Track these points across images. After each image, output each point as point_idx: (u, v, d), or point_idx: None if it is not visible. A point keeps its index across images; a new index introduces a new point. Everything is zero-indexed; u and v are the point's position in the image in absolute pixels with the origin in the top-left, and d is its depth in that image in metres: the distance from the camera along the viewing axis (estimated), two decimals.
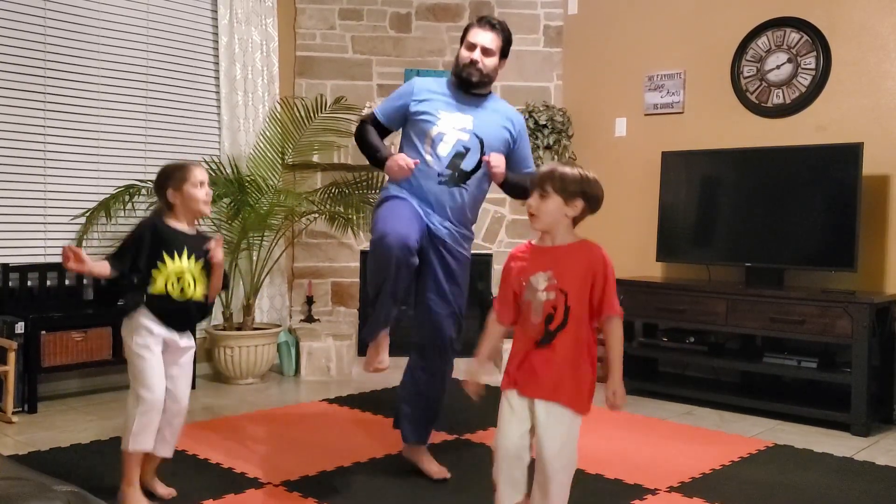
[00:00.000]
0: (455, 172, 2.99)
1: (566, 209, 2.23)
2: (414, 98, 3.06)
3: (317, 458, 3.36)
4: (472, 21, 3.12)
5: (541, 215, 2.25)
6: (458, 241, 3.06)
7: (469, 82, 3.04)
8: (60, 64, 4.49)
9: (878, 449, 3.73)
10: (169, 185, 2.70)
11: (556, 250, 2.26)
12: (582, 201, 2.22)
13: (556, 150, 5.45)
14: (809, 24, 4.55)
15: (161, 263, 2.65)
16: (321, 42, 5.60)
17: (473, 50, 3.02)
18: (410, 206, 2.96)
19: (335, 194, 5.13)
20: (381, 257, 2.76)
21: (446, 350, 3.13)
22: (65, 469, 3.12)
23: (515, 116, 3.17)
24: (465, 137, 2.99)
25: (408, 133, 3.09)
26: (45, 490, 1.39)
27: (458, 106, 3.05)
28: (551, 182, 2.22)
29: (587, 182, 2.23)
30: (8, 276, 4.24)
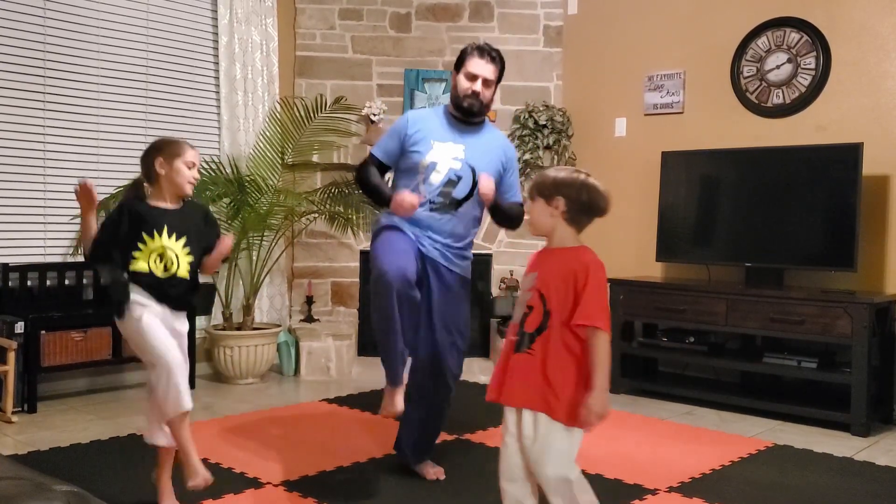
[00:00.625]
0: (446, 200, 3.01)
1: (549, 209, 2.21)
2: (408, 132, 3.08)
3: (316, 458, 3.36)
4: (469, 50, 3.08)
5: (532, 219, 2.27)
6: (450, 259, 3.06)
7: (471, 112, 3.07)
8: (60, 63, 4.49)
9: (877, 449, 3.73)
10: (160, 155, 2.66)
11: (548, 253, 2.26)
12: (563, 200, 2.19)
13: (556, 150, 5.44)
14: (809, 24, 4.55)
15: (141, 244, 2.60)
16: (321, 42, 5.60)
17: (475, 81, 3.03)
18: (404, 237, 2.97)
19: (335, 194, 5.13)
20: (383, 294, 2.76)
21: (447, 383, 3.12)
22: (64, 469, 3.12)
23: (507, 146, 3.21)
24: (457, 166, 3.02)
25: (401, 164, 3.12)
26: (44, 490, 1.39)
27: (450, 135, 3.07)
28: (534, 186, 2.25)
29: (566, 183, 2.20)
30: (8, 276, 4.24)
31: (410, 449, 3.20)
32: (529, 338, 2.18)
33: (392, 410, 2.96)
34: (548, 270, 2.20)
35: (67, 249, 4.54)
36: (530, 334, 2.18)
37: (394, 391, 2.96)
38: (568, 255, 2.20)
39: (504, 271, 5.57)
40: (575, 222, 2.23)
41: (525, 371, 2.16)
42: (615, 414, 4.21)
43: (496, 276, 5.57)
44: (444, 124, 3.11)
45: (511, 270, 5.55)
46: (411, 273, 2.79)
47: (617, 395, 4.71)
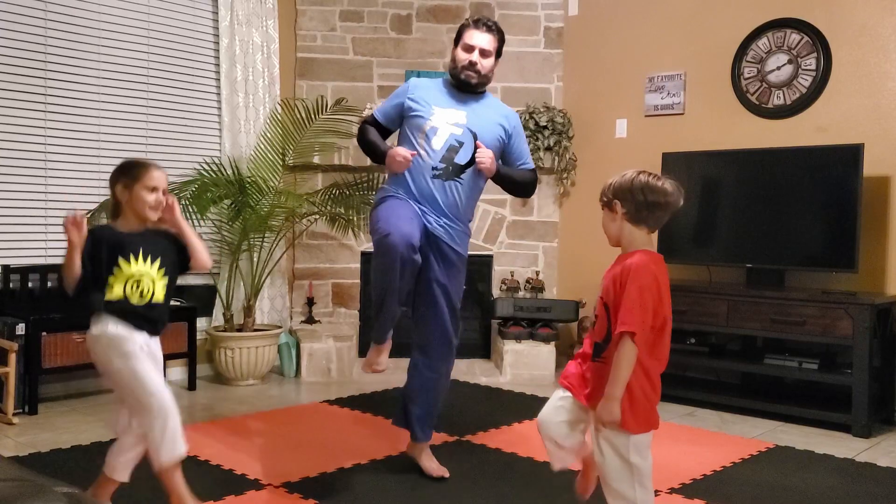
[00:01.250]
0: (449, 166, 3.02)
1: (611, 216, 2.21)
2: (409, 95, 3.11)
3: (317, 460, 3.36)
4: (466, 22, 3.13)
5: (604, 230, 2.27)
6: (454, 238, 3.09)
7: (468, 84, 3.09)
8: (61, 66, 4.49)
9: (879, 450, 3.73)
10: (118, 181, 2.56)
11: (616, 260, 2.22)
12: (620, 204, 2.18)
13: (557, 152, 5.45)
14: (810, 25, 4.55)
15: (116, 268, 2.52)
16: (322, 43, 5.60)
17: (472, 52, 3.06)
18: (409, 206, 2.99)
19: (336, 195, 5.13)
20: (386, 255, 2.78)
21: (451, 347, 3.17)
22: (65, 470, 3.12)
23: (510, 113, 3.20)
24: (458, 132, 3.03)
25: (403, 129, 3.14)
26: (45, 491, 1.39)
27: (452, 102, 3.10)
28: (600, 196, 2.26)
29: (620, 186, 2.19)
30: (9, 278, 4.24)
31: (416, 420, 3.19)
32: (599, 347, 2.19)
33: (377, 367, 3.03)
34: (609, 278, 2.18)
35: None
36: (599, 344, 2.20)
37: (380, 349, 3.03)
38: (624, 259, 2.17)
39: (505, 272, 5.57)
40: (641, 222, 2.19)
41: (601, 378, 2.16)
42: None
43: (497, 277, 5.57)
44: (446, 92, 3.13)
45: (512, 271, 5.55)
46: (416, 239, 2.81)
47: None
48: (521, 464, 3.37)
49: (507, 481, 3.15)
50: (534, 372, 5.08)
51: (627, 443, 2.14)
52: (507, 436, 3.78)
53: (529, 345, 5.14)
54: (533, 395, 4.62)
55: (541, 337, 5.15)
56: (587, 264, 5.38)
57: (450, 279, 3.10)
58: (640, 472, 2.15)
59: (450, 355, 3.19)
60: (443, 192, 3.03)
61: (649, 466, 2.18)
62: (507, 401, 4.53)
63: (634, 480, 2.14)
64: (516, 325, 5.22)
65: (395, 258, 2.76)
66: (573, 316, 5.20)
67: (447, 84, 3.17)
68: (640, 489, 2.15)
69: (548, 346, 5.12)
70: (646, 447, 2.19)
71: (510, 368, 5.10)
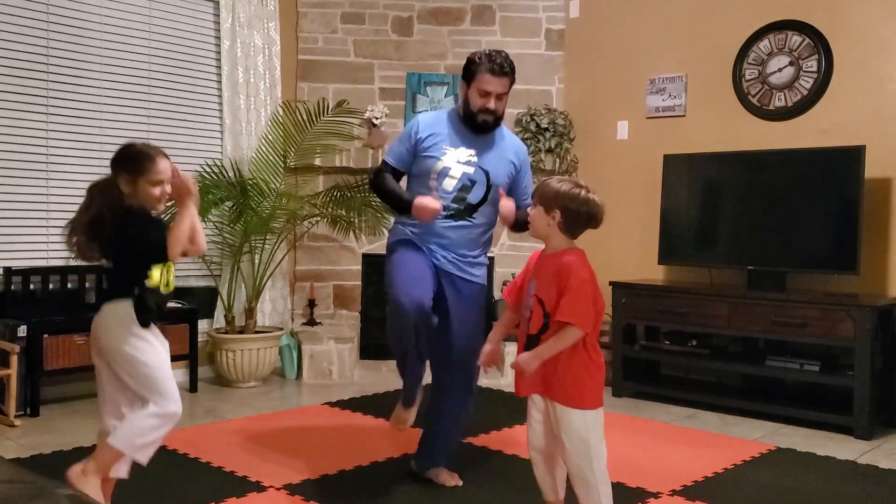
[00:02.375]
0: (461, 206, 2.99)
1: (547, 219, 2.39)
2: (419, 136, 3.04)
3: (319, 462, 3.36)
4: (480, 63, 2.95)
5: (531, 223, 2.46)
6: (464, 269, 3.03)
7: (486, 128, 3.02)
8: (63, 68, 4.50)
9: (880, 452, 3.72)
10: (122, 172, 2.45)
11: (544, 258, 2.45)
12: (559, 213, 2.36)
13: (558, 154, 5.45)
14: (811, 27, 4.55)
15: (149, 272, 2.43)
16: (323, 46, 5.60)
17: (488, 98, 2.97)
18: (419, 257, 2.96)
19: (337, 197, 5.13)
20: (401, 325, 2.83)
21: (470, 388, 3.13)
22: None
23: (520, 148, 3.17)
24: (470, 170, 2.99)
25: (413, 170, 3.08)
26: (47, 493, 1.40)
27: (463, 139, 3.03)
28: (537, 193, 2.43)
29: (566, 196, 2.35)
30: (10, 280, 4.25)
31: (425, 455, 3.16)
32: (533, 339, 2.41)
33: (404, 425, 3.08)
34: (543, 276, 2.40)
35: (70, 253, 4.53)
36: (535, 336, 2.40)
37: (409, 409, 3.07)
38: (555, 259, 2.40)
39: (506, 274, 5.57)
40: (570, 231, 2.41)
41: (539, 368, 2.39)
42: (617, 417, 4.22)
43: (498, 279, 5.57)
44: (455, 128, 3.06)
45: (513, 273, 5.54)
46: (428, 301, 2.83)
47: (619, 398, 4.70)
48: (522, 466, 3.37)
49: (509, 483, 3.15)
50: None
51: (584, 418, 2.36)
52: (508, 438, 3.78)
53: None
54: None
55: None
56: None
57: (463, 312, 3.04)
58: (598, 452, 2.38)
59: (467, 397, 3.13)
60: (455, 232, 3.00)
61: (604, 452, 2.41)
62: (507, 403, 4.52)
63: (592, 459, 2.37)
64: (516, 327, 5.21)
65: (408, 327, 2.80)
66: None
67: (455, 118, 3.08)
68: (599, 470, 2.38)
69: None
70: (600, 426, 2.40)
71: (511, 370, 5.09)
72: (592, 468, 2.37)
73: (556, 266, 2.36)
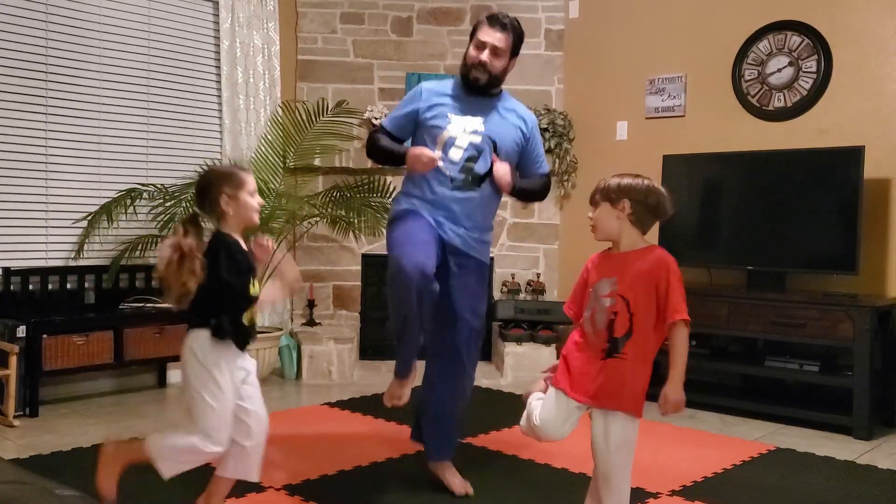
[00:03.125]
0: (468, 176, 2.89)
1: (615, 212, 2.27)
2: (423, 104, 2.95)
3: (318, 462, 3.36)
4: (482, 18, 2.95)
5: (596, 224, 2.32)
6: (471, 246, 2.97)
7: (476, 86, 2.94)
8: (62, 68, 4.50)
9: (880, 452, 3.72)
10: (223, 191, 2.38)
11: (620, 257, 2.30)
12: (627, 203, 2.25)
13: (558, 154, 5.45)
14: (810, 28, 4.55)
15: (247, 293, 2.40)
16: (323, 46, 5.60)
17: (483, 50, 2.88)
18: (424, 225, 2.87)
19: (337, 198, 5.13)
20: (402, 289, 2.68)
21: (470, 362, 3.06)
22: (66, 473, 3.11)
23: (528, 115, 3.07)
24: (476, 139, 2.89)
25: (418, 141, 2.99)
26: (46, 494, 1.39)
27: (467, 108, 2.94)
28: (598, 191, 2.31)
29: (630, 187, 2.27)
30: (10, 280, 4.25)
31: (433, 443, 3.09)
32: (620, 342, 2.24)
33: (399, 401, 2.93)
34: (628, 274, 2.24)
35: (69, 253, 4.54)
36: (620, 339, 2.24)
37: (403, 381, 2.93)
38: (643, 256, 2.26)
39: (505, 275, 5.57)
40: (640, 224, 2.29)
41: (620, 375, 2.24)
42: None
43: (498, 279, 5.57)
44: (460, 96, 2.96)
45: (512, 274, 5.55)
46: (430, 267, 2.71)
47: None
48: (522, 466, 3.37)
49: (509, 484, 3.15)
50: (535, 374, 5.00)
51: (636, 427, 2.27)
52: (509, 438, 3.78)
53: (530, 347, 5.14)
54: None
55: (541, 339, 5.15)
56: None
57: (468, 289, 2.98)
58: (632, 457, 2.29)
59: (468, 371, 3.06)
60: (461, 203, 2.91)
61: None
62: (508, 403, 4.52)
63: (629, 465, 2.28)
64: (517, 327, 5.22)
65: (410, 291, 2.66)
66: None
67: (459, 87, 2.99)
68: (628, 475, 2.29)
69: (548, 349, 5.12)
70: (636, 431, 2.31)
71: (511, 371, 5.09)
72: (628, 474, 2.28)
73: (646, 263, 2.24)
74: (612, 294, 2.25)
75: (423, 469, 3.15)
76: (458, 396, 3.09)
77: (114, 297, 4.59)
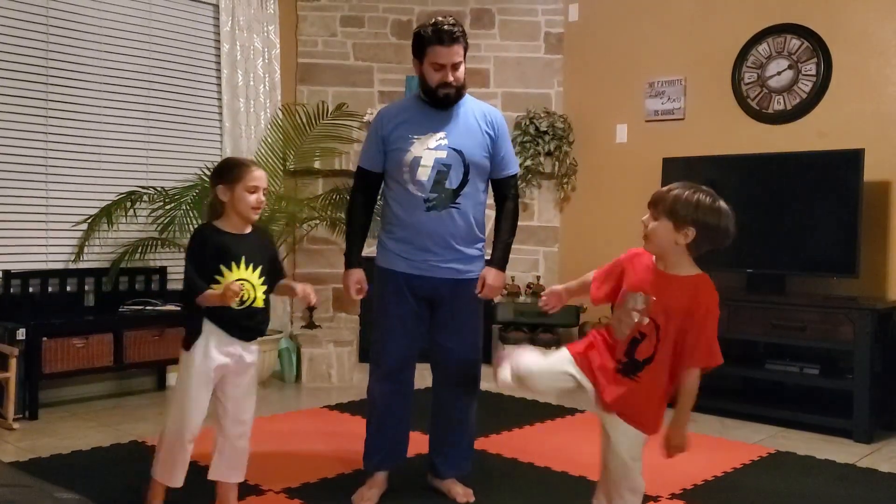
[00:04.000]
0: (441, 194, 2.81)
1: (676, 236, 2.08)
2: (384, 132, 2.87)
3: (318, 465, 3.35)
4: (427, 36, 2.78)
5: (651, 236, 2.13)
6: (460, 271, 2.91)
7: (448, 102, 2.84)
8: (62, 70, 4.50)
9: (880, 456, 3.72)
10: (220, 181, 2.56)
11: (663, 276, 2.13)
12: (693, 230, 2.05)
13: (558, 157, 5.45)
14: (810, 31, 4.55)
15: (220, 276, 2.51)
16: (323, 49, 5.61)
17: (443, 70, 2.78)
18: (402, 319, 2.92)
19: (336, 200, 5.13)
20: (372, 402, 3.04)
21: (473, 386, 3.07)
22: (66, 476, 3.11)
23: (494, 114, 2.95)
24: (442, 155, 2.80)
25: (387, 167, 2.90)
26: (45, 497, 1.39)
27: (428, 125, 2.85)
28: (663, 203, 2.10)
29: (703, 209, 2.05)
30: (10, 283, 4.24)
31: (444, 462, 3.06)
32: (638, 366, 2.14)
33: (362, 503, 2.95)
34: (666, 300, 2.09)
35: (69, 256, 4.54)
36: (640, 363, 2.14)
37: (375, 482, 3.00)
38: (686, 287, 2.10)
39: (505, 277, 5.55)
40: (696, 249, 2.12)
41: (629, 396, 2.15)
42: None
43: None
44: (418, 114, 2.87)
45: (512, 276, 5.54)
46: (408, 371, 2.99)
47: None
48: (522, 469, 3.37)
49: (509, 487, 3.15)
50: None
51: (642, 442, 2.22)
52: (508, 441, 3.78)
53: None
54: (534, 401, 4.61)
55: (541, 342, 5.14)
56: (588, 269, 5.35)
57: (464, 313, 2.96)
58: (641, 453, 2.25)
59: (471, 395, 3.06)
60: (442, 223, 2.83)
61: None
62: (507, 406, 4.52)
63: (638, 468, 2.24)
64: (517, 330, 5.21)
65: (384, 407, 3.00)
66: (574, 321, 5.20)
67: (417, 101, 2.90)
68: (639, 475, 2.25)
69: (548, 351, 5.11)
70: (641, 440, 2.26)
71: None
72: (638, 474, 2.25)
73: (686, 295, 2.08)
74: (643, 312, 2.12)
75: (425, 478, 3.15)
76: (470, 423, 3.09)
77: (113, 299, 4.59)
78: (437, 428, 3.08)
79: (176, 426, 2.58)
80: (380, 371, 2.97)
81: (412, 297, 2.91)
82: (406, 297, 2.91)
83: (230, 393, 2.62)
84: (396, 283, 2.90)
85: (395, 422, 3.00)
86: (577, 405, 4.53)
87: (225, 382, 2.61)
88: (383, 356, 2.96)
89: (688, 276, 2.12)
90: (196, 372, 2.53)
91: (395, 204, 2.90)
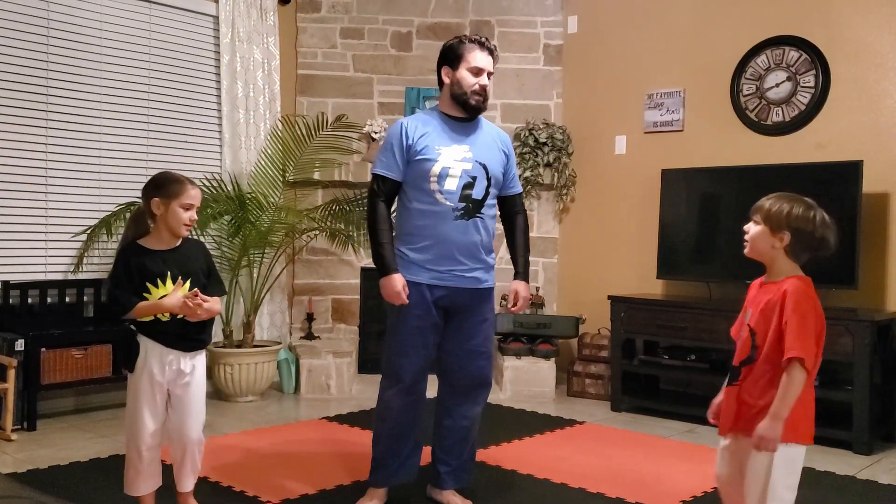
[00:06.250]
0: (469, 204, 2.89)
1: (772, 240, 2.19)
2: (410, 141, 2.89)
3: (316, 477, 3.35)
4: (467, 42, 2.93)
5: (750, 243, 2.26)
6: (479, 280, 2.98)
7: (479, 110, 2.94)
8: (62, 81, 4.51)
9: (880, 467, 3.71)
10: (156, 195, 2.57)
11: (763, 287, 2.24)
12: (788, 235, 2.16)
13: (557, 168, 5.46)
14: (808, 43, 4.57)
15: (147, 293, 2.54)
16: (322, 60, 5.63)
17: (481, 75, 2.90)
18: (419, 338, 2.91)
19: (336, 211, 5.14)
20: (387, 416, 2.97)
21: (483, 397, 3.09)
22: (64, 487, 3.09)
23: (503, 135, 3.10)
24: (468, 167, 2.89)
25: (409, 176, 2.92)
26: None
27: (453, 136, 2.93)
28: (761, 210, 2.24)
29: (800, 218, 2.16)
30: (8, 294, 4.24)
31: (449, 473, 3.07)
32: (735, 371, 2.21)
33: None
34: (758, 306, 2.20)
35: (68, 267, 4.54)
36: (736, 367, 2.21)
37: (374, 492, 3.01)
38: (776, 287, 2.17)
39: (505, 288, 5.55)
40: (795, 256, 2.19)
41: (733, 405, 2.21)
42: (616, 432, 4.21)
43: (497, 293, 5.55)
44: (443, 127, 2.95)
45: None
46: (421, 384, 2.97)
47: (618, 412, 4.70)
48: (521, 481, 3.36)
49: (508, 499, 3.14)
50: (534, 388, 5.06)
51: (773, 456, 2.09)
52: (508, 453, 3.77)
53: (529, 361, 5.13)
54: (533, 412, 4.60)
55: (541, 353, 5.14)
56: (587, 280, 5.38)
57: (479, 322, 3.01)
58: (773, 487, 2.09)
59: (482, 401, 3.08)
60: (468, 233, 2.90)
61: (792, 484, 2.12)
62: (507, 417, 4.51)
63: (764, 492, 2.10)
64: (516, 341, 5.21)
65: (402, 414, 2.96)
66: (573, 332, 5.19)
67: (440, 116, 2.97)
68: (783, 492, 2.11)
69: (548, 363, 5.11)
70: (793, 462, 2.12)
71: (510, 385, 5.08)
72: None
73: (774, 295, 2.15)
74: (746, 324, 2.23)
75: (423, 489, 3.14)
76: (475, 428, 3.10)
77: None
78: (442, 439, 3.07)
79: (129, 438, 2.61)
80: (400, 385, 2.93)
81: (434, 308, 2.92)
82: (429, 309, 2.91)
83: (175, 404, 2.63)
84: (419, 294, 2.89)
85: (409, 436, 2.99)
86: (575, 417, 4.53)
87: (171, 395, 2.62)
88: (404, 369, 2.91)
89: (782, 279, 2.18)
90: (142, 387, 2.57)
91: (417, 214, 2.91)
